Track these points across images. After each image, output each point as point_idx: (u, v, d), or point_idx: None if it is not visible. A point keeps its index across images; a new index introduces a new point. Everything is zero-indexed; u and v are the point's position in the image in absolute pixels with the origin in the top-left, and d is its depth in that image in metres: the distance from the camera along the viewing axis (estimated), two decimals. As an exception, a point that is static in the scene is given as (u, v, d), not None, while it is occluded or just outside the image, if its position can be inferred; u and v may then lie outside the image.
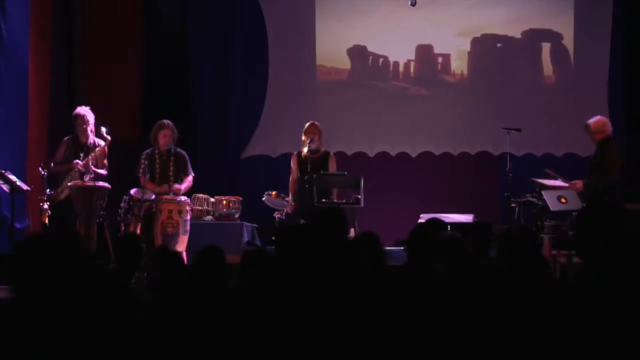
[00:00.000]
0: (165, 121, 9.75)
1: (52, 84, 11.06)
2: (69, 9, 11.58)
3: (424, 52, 12.38)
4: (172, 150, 9.71)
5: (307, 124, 9.88)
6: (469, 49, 12.30)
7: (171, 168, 9.68)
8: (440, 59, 12.38)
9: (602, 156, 9.20)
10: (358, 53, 12.45)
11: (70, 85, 11.66)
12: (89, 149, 9.60)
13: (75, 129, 9.68)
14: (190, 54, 12.45)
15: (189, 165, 9.78)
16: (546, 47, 12.27)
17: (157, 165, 9.66)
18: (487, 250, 5.75)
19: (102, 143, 9.64)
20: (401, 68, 12.42)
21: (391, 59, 12.43)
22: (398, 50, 12.38)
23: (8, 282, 4.22)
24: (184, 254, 9.08)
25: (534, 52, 12.27)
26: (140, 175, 9.57)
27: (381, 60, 12.45)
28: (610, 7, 11.89)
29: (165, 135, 9.63)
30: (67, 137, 9.74)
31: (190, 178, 9.77)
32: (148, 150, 9.73)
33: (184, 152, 9.81)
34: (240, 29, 12.40)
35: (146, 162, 9.62)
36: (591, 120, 9.38)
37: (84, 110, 9.69)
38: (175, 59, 12.45)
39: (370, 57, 12.47)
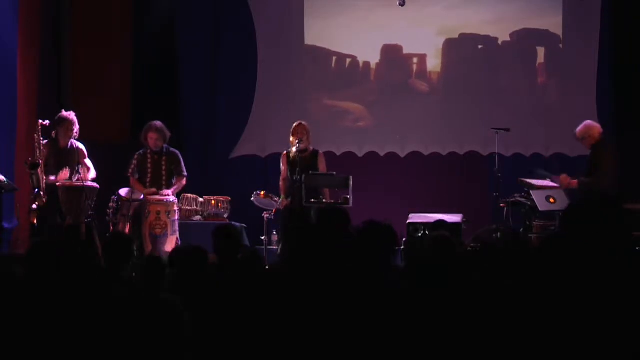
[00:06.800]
0: (152, 123, 9.69)
1: (40, 84, 11.02)
2: (57, 9, 11.55)
3: (411, 52, 12.39)
4: (165, 149, 9.69)
5: (295, 124, 9.88)
6: (457, 49, 12.31)
7: (163, 168, 9.65)
8: (428, 59, 12.39)
9: (595, 158, 9.23)
10: (343, 53, 12.48)
11: (59, 86, 11.63)
12: (68, 153, 9.45)
13: (58, 131, 9.41)
14: (178, 54, 12.44)
15: (182, 164, 9.73)
16: (535, 47, 12.29)
17: (149, 166, 9.64)
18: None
19: (81, 146, 9.52)
20: (388, 68, 12.42)
21: (376, 59, 12.42)
22: (384, 50, 12.38)
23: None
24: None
25: (523, 52, 12.28)
26: (129, 175, 9.57)
27: (366, 59, 12.44)
28: (598, 6, 11.91)
29: (152, 138, 9.60)
30: (46, 141, 9.37)
31: (182, 180, 9.73)
32: (141, 151, 9.70)
33: (177, 152, 9.77)
34: (229, 28, 12.40)
35: (136, 162, 9.61)
36: (577, 129, 9.43)
37: (72, 116, 9.50)
38: (164, 59, 12.43)
39: (352, 58, 12.48)
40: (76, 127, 9.42)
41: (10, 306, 4.41)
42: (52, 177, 9.31)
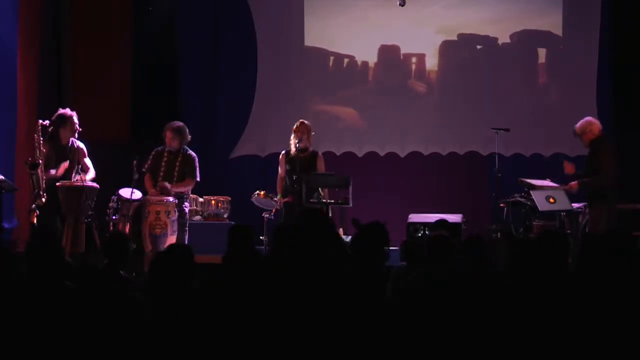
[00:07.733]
0: (171, 123, 9.75)
1: (40, 84, 11.04)
2: (57, 9, 11.56)
3: (410, 52, 12.38)
4: (182, 150, 9.72)
5: (297, 123, 9.89)
6: (456, 49, 12.31)
7: (176, 168, 9.67)
8: (427, 58, 12.38)
9: (594, 156, 9.23)
10: (343, 53, 12.48)
11: (59, 86, 11.64)
12: (69, 151, 9.43)
13: (60, 129, 9.33)
14: (178, 54, 12.44)
15: (197, 169, 9.72)
16: (535, 47, 12.28)
17: (163, 164, 9.68)
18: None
19: (81, 145, 9.49)
20: (387, 68, 12.41)
21: (375, 59, 12.41)
22: (383, 49, 12.37)
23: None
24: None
25: (523, 53, 12.27)
26: (144, 171, 9.59)
27: (366, 60, 12.43)
28: (598, 6, 11.90)
29: (167, 137, 9.65)
30: (44, 139, 9.22)
31: (190, 181, 9.72)
32: (159, 147, 9.75)
33: (194, 155, 9.77)
34: (229, 28, 12.40)
35: (151, 158, 9.66)
36: (577, 124, 9.42)
37: (73, 113, 9.46)
38: (164, 59, 12.43)
39: (352, 59, 12.47)
40: (77, 124, 9.42)
41: (9, 305, 4.42)
42: (52, 171, 9.27)
